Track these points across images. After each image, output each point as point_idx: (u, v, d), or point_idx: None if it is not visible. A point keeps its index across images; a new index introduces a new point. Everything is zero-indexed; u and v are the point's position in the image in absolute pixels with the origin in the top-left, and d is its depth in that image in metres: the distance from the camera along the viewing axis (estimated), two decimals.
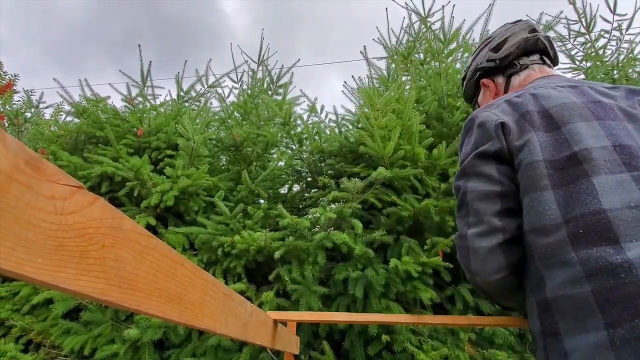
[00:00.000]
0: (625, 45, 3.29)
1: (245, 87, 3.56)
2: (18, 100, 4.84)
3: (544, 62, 0.91)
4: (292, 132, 2.88)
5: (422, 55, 3.36)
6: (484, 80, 0.97)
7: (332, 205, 2.20)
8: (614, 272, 0.47)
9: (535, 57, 0.91)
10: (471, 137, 0.71)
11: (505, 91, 0.93)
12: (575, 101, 0.64)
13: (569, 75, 3.48)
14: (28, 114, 3.71)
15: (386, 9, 3.27)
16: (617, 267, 0.47)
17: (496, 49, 0.93)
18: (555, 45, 0.95)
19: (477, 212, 0.64)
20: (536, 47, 0.90)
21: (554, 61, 0.95)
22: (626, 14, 3.31)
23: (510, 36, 0.91)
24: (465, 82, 1.05)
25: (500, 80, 0.94)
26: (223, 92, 3.59)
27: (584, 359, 0.47)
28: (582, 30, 3.43)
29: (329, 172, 2.65)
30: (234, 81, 3.58)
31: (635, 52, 3.19)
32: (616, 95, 0.69)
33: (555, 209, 0.56)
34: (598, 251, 0.50)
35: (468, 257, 0.64)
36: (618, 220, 0.50)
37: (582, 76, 3.35)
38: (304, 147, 2.87)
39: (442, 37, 3.01)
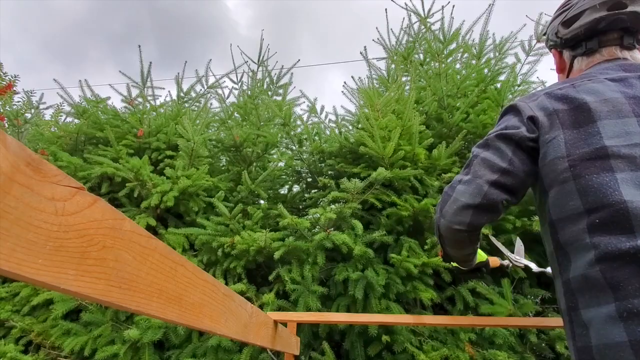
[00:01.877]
0: None
1: (245, 87, 3.56)
2: (18, 101, 4.85)
3: (621, 43, 0.79)
4: (292, 133, 2.88)
5: (421, 56, 3.36)
6: (553, 52, 0.94)
7: (332, 206, 2.20)
8: (621, 255, 0.54)
9: (613, 35, 0.79)
10: (503, 122, 0.76)
11: (569, 70, 0.89)
12: (617, 96, 0.66)
13: None
14: (28, 115, 3.70)
15: (386, 9, 3.27)
16: (624, 252, 0.54)
17: (567, 23, 0.84)
18: None
19: (474, 173, 0.71)
20: (614, 26, 0.78)
21: None
22: None
23: (586, 10, 0.80)
24: (545, 39, 0.98)
25: (567, 57, 0.89)
26: (223, 92, 3.59)
27: (599, 328, 0.55)
28: None
29: (329, 172, 2.65)
30: (233, 82, 3.58)
31: None
32: None
33: (577, 200, 0.61)
34: (611, 238, 0.56)
35: (447, 202, 0.74)
36: (637, 211, 0.55)
37: None
38: (304, 148, 2.87)
39: (441, 37, 3.01)
